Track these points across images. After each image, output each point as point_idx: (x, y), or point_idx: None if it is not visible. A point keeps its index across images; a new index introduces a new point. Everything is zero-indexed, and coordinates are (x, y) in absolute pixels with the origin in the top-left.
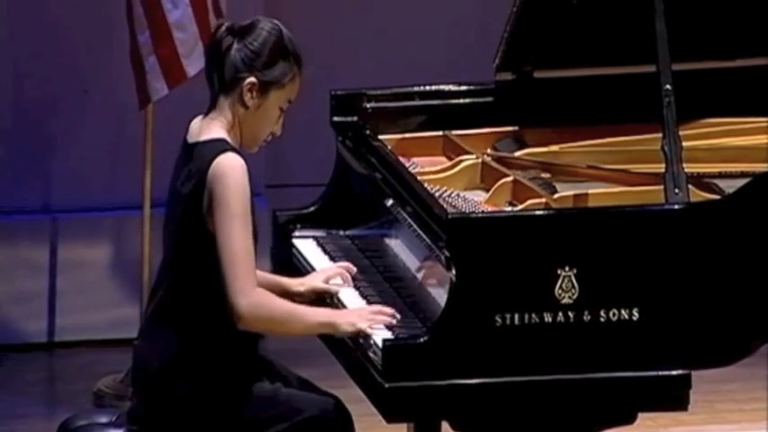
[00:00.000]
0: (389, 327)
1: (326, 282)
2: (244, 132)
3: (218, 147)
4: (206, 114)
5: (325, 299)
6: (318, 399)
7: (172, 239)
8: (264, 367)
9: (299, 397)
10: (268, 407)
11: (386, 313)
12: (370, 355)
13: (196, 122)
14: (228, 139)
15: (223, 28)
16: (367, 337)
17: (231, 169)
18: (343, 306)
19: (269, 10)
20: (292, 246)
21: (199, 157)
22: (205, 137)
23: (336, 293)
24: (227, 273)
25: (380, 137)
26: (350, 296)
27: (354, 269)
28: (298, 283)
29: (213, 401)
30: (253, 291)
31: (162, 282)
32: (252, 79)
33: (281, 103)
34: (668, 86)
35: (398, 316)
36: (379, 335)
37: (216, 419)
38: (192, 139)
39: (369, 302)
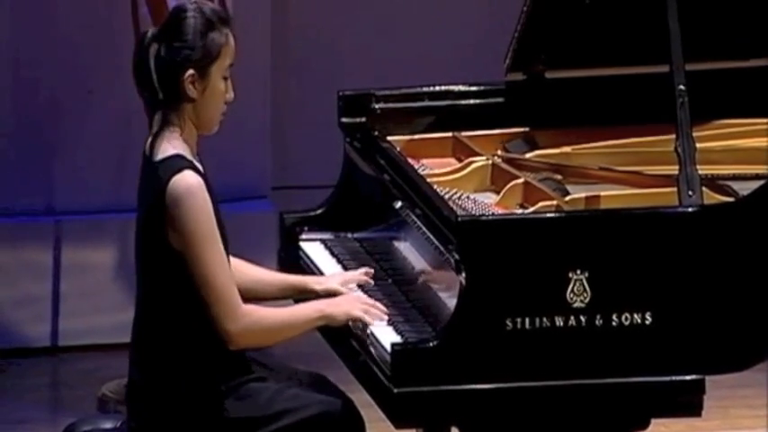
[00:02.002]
0: (398, 331)
1: (344, 285)
2: (199, 122)
3: (173, 166)
4: (156, 132)
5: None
6: (324, 398)
7: (139, 256)
8: (269, 369)
9: (303, 395)
10: (269, 405)
11: (379, 308)
12: (378, 359)
13: (150, 137)
14: (183, 151)
15: (148, 35)
16: (365, 326)
17: (187, 192)
18: None
19: (276, 10)
20: (299, 249)
21: (155, 178)
22: (160, 155)
23: None
24: (210, 302)
25: (389, 138)
26: None
27: (371, 281)
28: (315, 282)
29: (208, 404)
30: (238, 313)
31: (138, 290)
32: (190, 71)
33: (223, 72)
34: (682, 87)
35: (386, 311)
36: (388, 338)
37: (208, 421)
38: (150, 155)
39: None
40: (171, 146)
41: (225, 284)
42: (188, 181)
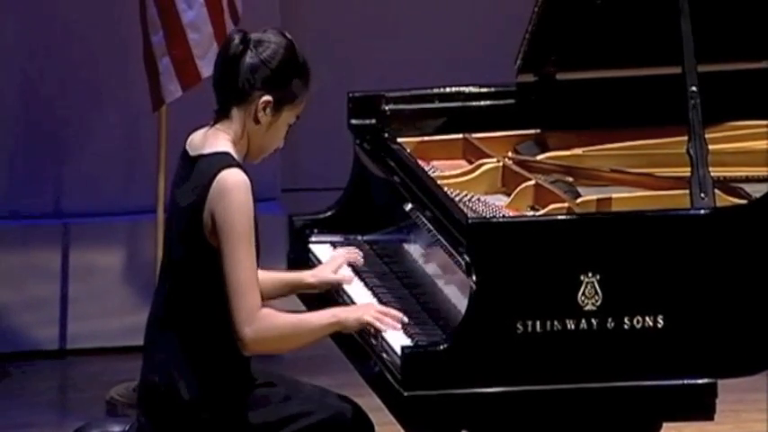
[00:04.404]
0: (408, 334)
1: (336, 272)
2: (251, 146)
3: (222, 161)
4: (213, 124)
5: (332, 294)
6: (333, 402)
7: (171, 250)
8: (277, 376)
9: (313, 401)
10: (278, 410)
11: (393, 315)
12: (389, 362)
13: (199, 134)
14: (234, 153)
15: (236, 38)
16: (377, 333)
17: (234, 187)
18: (352, 302)
19: (285, 11)
20: (309, 251)
21: (201, 170)
22: (209, 149)
23: (349, 282)
24: (232, 302)
25: (399, 140)
26: (358, 292)
27: (360, 254)
28: (309, 275)
29: (220, 407)
30: (256, 318)
31: (162, 290)
32: (267, 98)
33: (290, 119)
34: (694, 88)
35: (405, 319)
36: (398, 341)
37: (225, 424)
38: (194, 151)
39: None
40: (223, 144)
41: (249, 284)
42: (237, 178)
